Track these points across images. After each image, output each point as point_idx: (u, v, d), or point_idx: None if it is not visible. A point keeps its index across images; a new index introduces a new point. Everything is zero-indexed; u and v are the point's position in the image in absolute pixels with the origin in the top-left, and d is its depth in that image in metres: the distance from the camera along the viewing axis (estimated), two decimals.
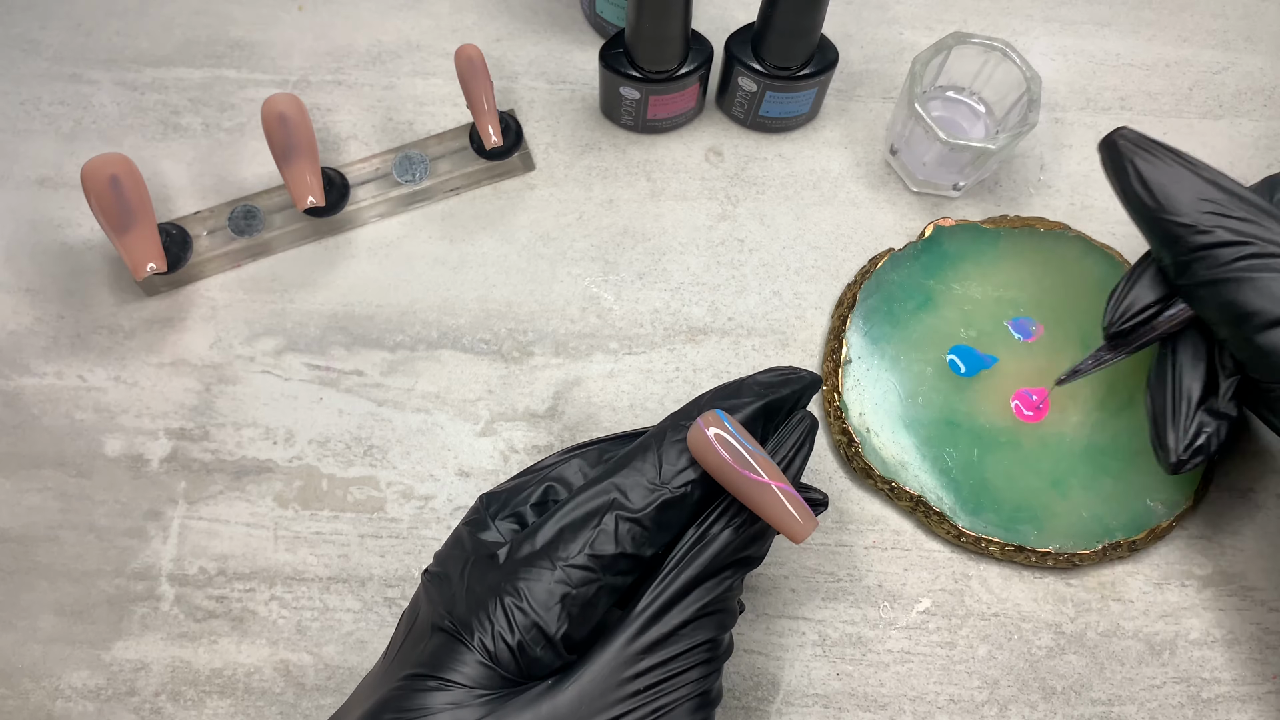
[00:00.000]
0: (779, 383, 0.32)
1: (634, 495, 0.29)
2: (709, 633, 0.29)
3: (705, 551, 0.29)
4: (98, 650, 0.38)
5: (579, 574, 0.28)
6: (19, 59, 0.47)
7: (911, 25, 0.50)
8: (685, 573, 0.28)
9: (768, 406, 0.31)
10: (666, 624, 0.28)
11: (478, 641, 0.27)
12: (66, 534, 0.39)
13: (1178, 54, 0.49)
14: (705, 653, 0.29)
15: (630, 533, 0.28)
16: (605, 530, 0.28)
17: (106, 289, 0.43)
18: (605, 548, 0.28)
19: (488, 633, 0.27)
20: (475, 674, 0.27)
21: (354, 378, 0.42)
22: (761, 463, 0.28)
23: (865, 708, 0.38)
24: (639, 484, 0.29)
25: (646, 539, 0.29)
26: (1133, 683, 0.38)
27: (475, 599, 0.28)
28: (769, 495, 0.28)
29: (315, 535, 0.39)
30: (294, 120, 0.40)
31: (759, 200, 0.46)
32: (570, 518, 0.29)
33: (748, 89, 0.44)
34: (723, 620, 0.29)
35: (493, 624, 0.27)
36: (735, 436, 0.28)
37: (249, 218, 0.43)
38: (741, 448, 0.28)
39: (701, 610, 0.28)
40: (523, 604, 0.27)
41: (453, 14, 0.49)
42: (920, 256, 0.43)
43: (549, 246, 0.44)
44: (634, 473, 0.29)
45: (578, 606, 0.28)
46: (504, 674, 0.27)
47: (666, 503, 0.29)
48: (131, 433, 0.41)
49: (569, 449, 0.33)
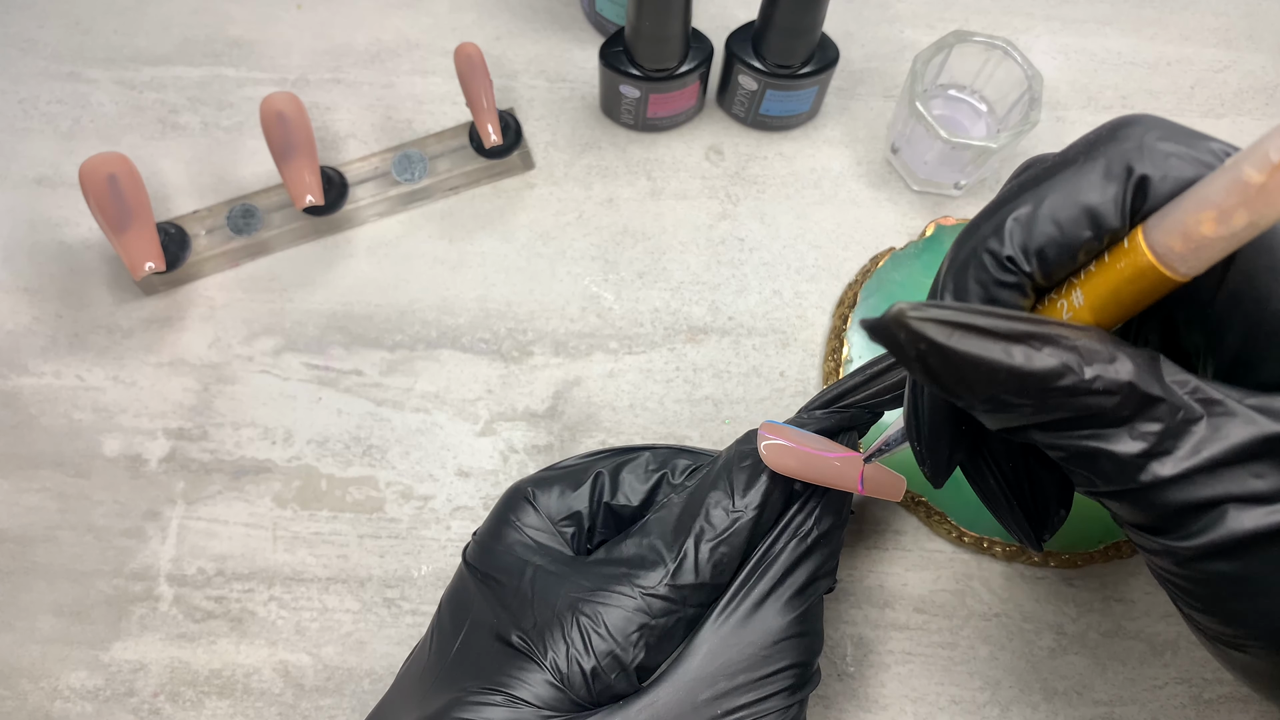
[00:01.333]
0: (840, 415, 0.31)
1: (713, 521, 0.28)
2: (793, 657, 0.28)
3: (775, 564, 0.28)
4: (96, 651, 0.38)
5: (660, 604, 0.27)
6: (17, 58, 0.47)
7: (913, 23, 0.49)
8: (758, 587, 0.28)
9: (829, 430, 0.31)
10: (747, 645, 0.27)
11: (550, 662, 0.26)
12: (65, 534, 0.39)
13: (1179, 52, 0.49)
14: (790, 678, 0.28)
15: (711, 560, 0.28)
16: (687, 559, 0.28)
17: (105, 288, 0.43)
18: (686, 578, 0.28)
19: (562, 654, 0.26)
20: (544, 694, 0.26)
21: (353, 377, 0.42)
22: (834, 446, 0.29)
23: (866, 708, 0.38)
24: (716, 511, 0.29)
25: (725, 565, 0.28)
26: (1135, 683, 0.38)
27: (548, 615, 0.27)
28: (852, 465, 0.28)
29: (314, 535, 0.39)
30: (293, 119, 0.40)
31: (759, 199, 0.45)
32: (652, 542, 0.28)
33: (748, 87, 0.44)
34: (810, 645, 0.29)
35: (568, 645, 0.26)
36: (799, 431, 0.29)
37: (247, 217, 0.43)
38: (809, 441, 0.29)
39: (783, 633, 0.28)
40: (600, 629, 0.27)
41: (452, 12, 0.49)
42: (922, 255, 0.43)
43: (549, 245, 0.44)
44: (710, 501, 0.29)
45: (655, 637, 0.27)
46: (574, 697, 0.26)
47: (744, 525, 0.28)
48: (130, 432, 0.40)
49: (614, 450, 0.33)
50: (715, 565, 0.28)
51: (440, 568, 0.39)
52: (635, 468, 0.32)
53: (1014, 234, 0.20)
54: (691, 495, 0.30)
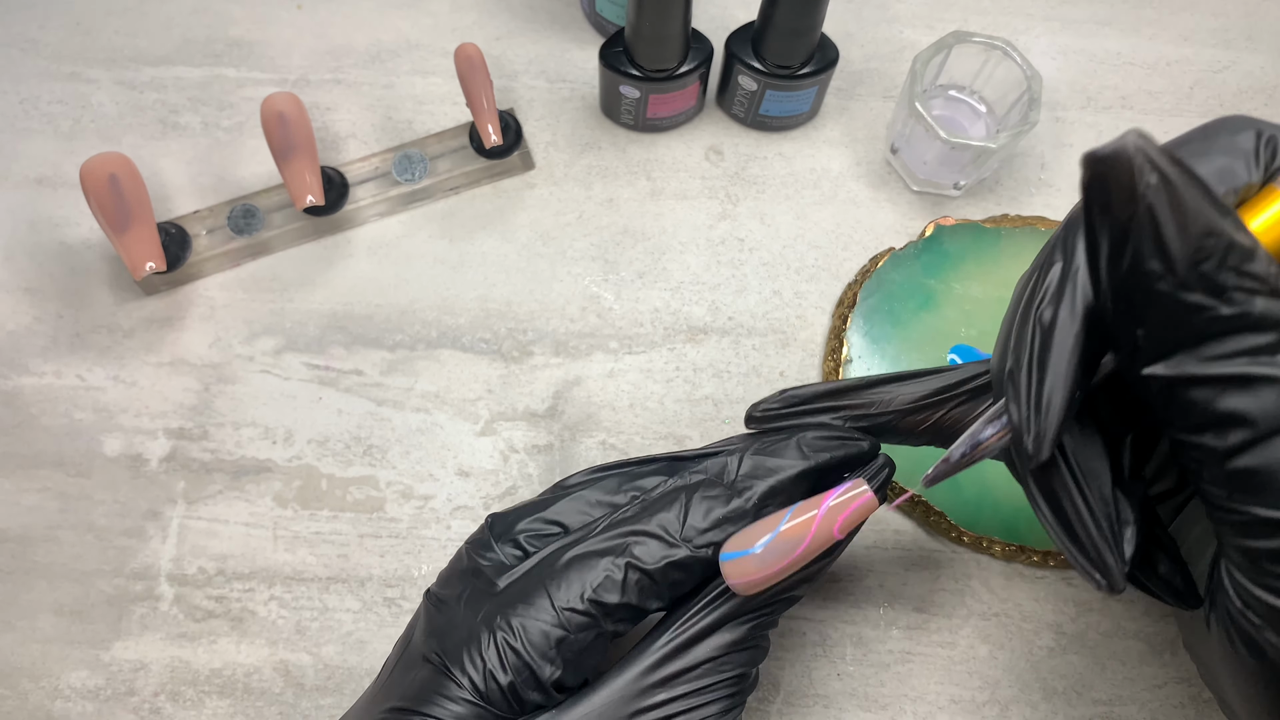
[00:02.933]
0: (833, 446, 0.29)
1: (650, 546, 0.27)
2: (737, 669, 0.27)
3: (730, 601, 0.27)
4: (97, 650, 0.38)
5: (578, 619, 0.26)
6: (18, 58, 0.47)
7: (912, 24, 0.50)
8: (713, 614, 0.27)
9: (814, 470, 0.28)
10: (689, 659, 0.27)
11: (467, 679, 0.26)
12: (65, 534, 0.39)
13: (1179, 53, 0.49)
14: (730, 687, 0.27)
15: (639, 584, 0.27)
16: (612, 578, 0.27)
17: (105, 288, 0.43)
18: (609, 595, 0.27)
19: (479, 670, 0.26)
20: (463, 712, 0.26)
21: (353, 377, 0.42)
22: (794, 530, 0.26)
23: (866, 708, 0.38)
24: (658, 536, 0.27)
25: (653, 593, 0.27)
26: (1134, 683, 0.38)
27: (468, 632, 0.27)
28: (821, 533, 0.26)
29: (314, 535, 0.39)
30: (293, 119, 0.40)
31: (759, 199, 0.45)
32: (576, 557, 0.27)
33: (748, 88, 0.44)
34: (753, 656, 0.28)
35: (484, 661, 0.26)
36: (764, 546, 0.26)
37: (248, 217, 0.43)
38: (772, 549, 0.26)
39: (729, 647, 0.27)
40: (516, 643, 0.26)
41: (452, 13, 0.49)
42: (921, 256, 0.43)
43: (549, 246, 0.44)
44: (655, 522, 0.27)
45: (573, 652, 0.26)
46: (496, 712, 0.26)
47: (680, 562, 0.27)
48: (130, 432, 0.41)
49: (588, 472, 0.31)
50: (642, 590, 0.27)
51: (440, 568, 0.39)
52: (607, 483, 0.30)
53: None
54: (644, 510, 0.28)
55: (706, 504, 0.28)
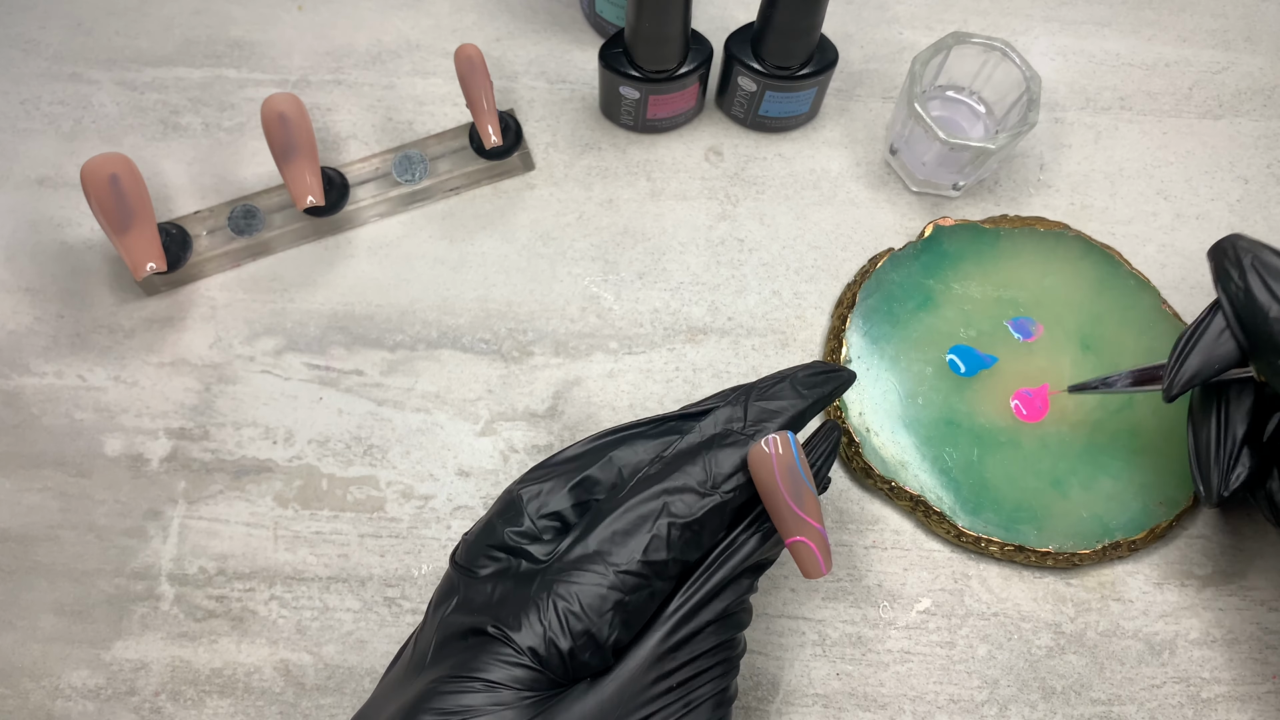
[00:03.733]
0: (821, 381, 0.32)
1: (686, 499, 0.29)
2: (729, 632, 0.29)
3: (734, 557, 0.29)
4: (97, 650, 0.38)
5: (633, 580, 0.28)
6: (19, 58, 0.47)
7: (911, 25, 0.50)
8: (715, 576, 0.29)
9: (811, 406, 0.31)
10: (695, 624, 0.28)
11: (526, 645, 0.27)
12: (66, 533, 0.39)
13: (1177, 54, 0.49)
14: (726, 651, 0.29)
15: (682, 537, 0.28)
16: (659, 536, 0.28)
17: (106, 288, 0.43)
18: (658, 554, 0.28)
19: (539, 636, 0.27)
20: (521, 676, 0.27)
21: (354, 377, 0.42)
22: (809, 499, 0.29)
23: (865, 708, 0.38)
24: (690, 488, 0.29)
25: (695, 543, 0.29)
26: (1132, 682, 0.38)
27: (523, 601, 0.28)
28: (807, 531, 0.29)
29: (315, 535, 0.39)
30: (294, 120, 0.40)
31: (759, 200, 0.46)
32: (622, 522, 0.29)
33: (747, 89, 0.44)
34: (740, 619, 0.30)
35: (545, 627, 0.27)
36: (796, 466, 0.29)
37: (249, 217, 0.43)
38: (797, 480, 0.28)
39: (725, 611, 0.29)
40: (575, 609, 0.27)
41: (452, 13, 0.49)
42: (920, 256, 0.43)
43: (549, 246, 0.44)
44: (685, 476, 0.29)
45: (628, 613, 0.28)
46: (550, 676, 0.27)
47: (716, 508, 0.29)
48: (131, 432, 0.41)
49: (605, 435, 0.32)
50: (686, 544, 0.29)
51: (440, 567, 0.39)
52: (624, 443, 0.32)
53: None
54: (668, 467, 0.30)
55: (727, 451, 0.30)
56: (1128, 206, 0.46)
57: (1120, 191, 0.46)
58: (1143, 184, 0.47)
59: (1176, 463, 0.40)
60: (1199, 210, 0.46)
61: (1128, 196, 0.46)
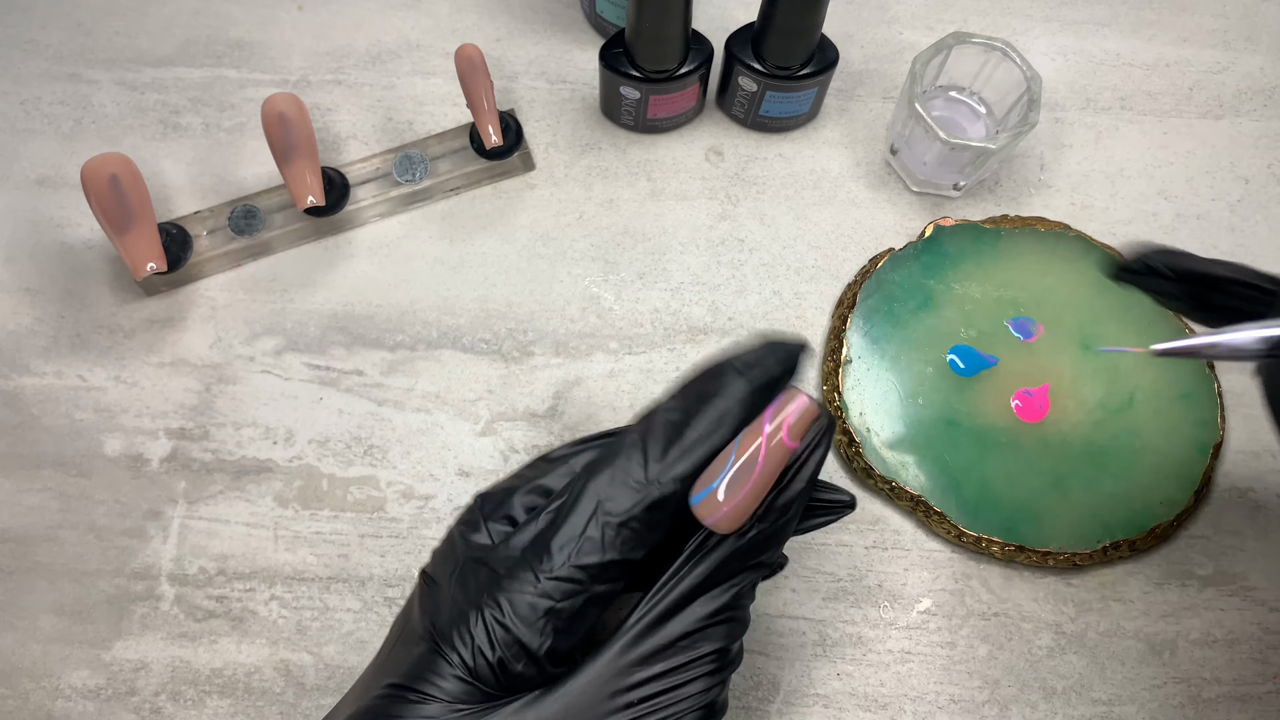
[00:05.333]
0: (764, 357, 0.28)
1: (620, 496, 0.27)
2: (716, 643, 0.27)
3: (707, 559, 0.27)
4: (98, 650, 0.38)
5: (564, 586, 0.26)
6: (19, 59, 0.47)
7: (911, 25, 0.50)
8: (685, 581, 0.27)
9: (759, 389, 0.28)
10: (666, 634, 0.27)
11: (457, 657, 0.26)
12: (66, 534, 0.39)
13: (1178, 54, 0.49)
14: (711, 663, 0.27)
15: (619, 537, 0.26)
16: (590, 537, 0.26)
17: (106, 289, 0.43)
18: (590, 556, 0.26)
19: (468, 647, 0.26)
20: (454, 689, 0.26)
21: (354, 377, 0.42)
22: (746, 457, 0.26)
23: (866, 708, 0.38)
24: (624, 483, 0.27)
25: (635, 541, 0.27)
26: (1133, 683, 0.38)
27: (457, 610, 0.27)
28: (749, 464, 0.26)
29: (315, 535, 0.39)
30: (294, 120, 0.40)
31: (759, 200, 0.45)
32: (554, 525, 0.27)
33: (748, 89, 0.44)
34: (731, 630, 0.28)
35: (473, 638, 0.26)
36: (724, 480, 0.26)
37: (249, 217, 0.43)
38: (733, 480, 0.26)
39: (707, 619, 0.27)
40: (504, 618, 0.26)
41: (453, 14, 0.49)
42: (920, 256, 0.43)
43: (549, 246, 0.44)
44: (619, 471, 0.27)
45: (563, 620, 0.26)
46: (485, 689, 0.26)
47: (656, 502, 0.27)
48: (131, 432, 0.41)
49: (571, 444, 0.31)
50: (624, 542, 0.26)
51: None
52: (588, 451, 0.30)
53: None
54: (602, 464, 0.28)
55: (661, 443, 0.27)
56: (1128, 207, 0.46)
57: (1121, 191, 0.46)
58: (1143, 184, 0.46)
59: (1176, 463, 0.40)
60: (1200, 210, 0.46)
61: (1128, 196, 0.46)
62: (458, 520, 0.31)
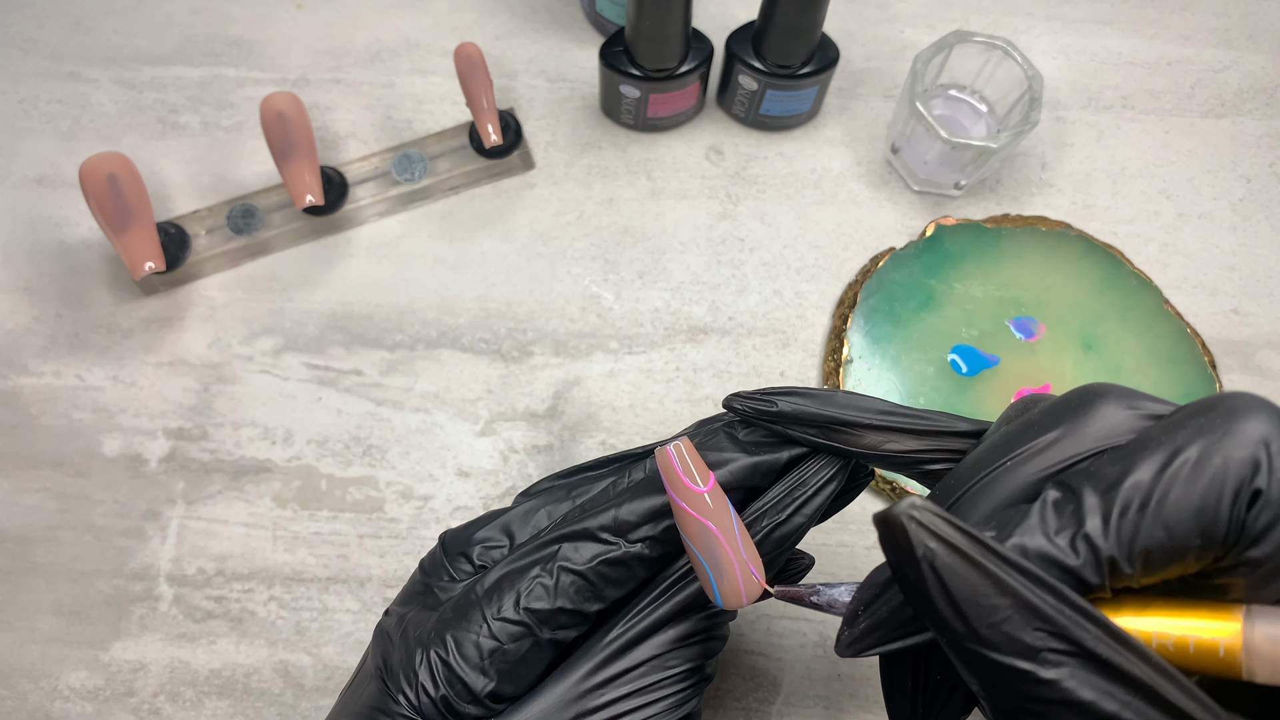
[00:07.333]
0: (774, 446, 0.27)
1: (583, 548, 0.26)
2: (689, 661, 0.27)
3: (682, 593, 0.26)
4: (96, 651, 0.38)
5: (511, 629, 0.26)
6: (17, 57, 0.47)
7: (913, 23, 0.49)
8: (663, 608, 0.26)
9: (761, 466, 0.27)
10: (632, 658, 0.26)
11: (404, 697, 0.26)
12: (65, 534, 0.39)
13: (1180, 52, 0.49)
14: (679, 683, 0.27)
15: (573, 586, 0.26)
16: (543, 584, 0.26)
17: (105, 288, 0.43)
18: (540, 602, 0.26)
19: (412, 686, 0.26)
20: None
21: (353, 377, 0.42)
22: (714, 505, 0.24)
23: (866, 708, 0.38)
24: (593, 536, 0.26)
25: (590, 594, 0.26)
26: None
27: (408, 649, 0.27)
28: (711, 545, 0.24)
29: (314, 535, 0.39)
30: (293, 119, 0.40)
31: (760, 199, 0.45)
32: (510, 568, 0.27)
33: (748, 87, 0.44)
34: (707, 648, 0.27)
35: (417, 677, 0.26)
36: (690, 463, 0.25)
37: (247, 217, 0.43)
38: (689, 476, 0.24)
39: (678, 642, 0.26)
40: (449, 658, 0.26)
41: (452, 12, 0.49)
42: (922, 256, 0.43)
43: (549, 245, 0.44)
44: (590, 524, 0.27)
45: (508, 663, 0.26)
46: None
47: (616, 559, 0.26)
48: (130, 432, 0.40)
49: (550, 479, 0.31)
50: (577, 592, 0.26)
51: None
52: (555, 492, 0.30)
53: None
54: (579, 511, 0.27)
55: (640, 499, 0.27)
56: (1130, 206, 0.46)
57: (1122, 191, 0.46)
58: (1145, 183, 0.46)
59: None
60: (1201, 209, 0.46)
61: (1130, 196, 0.46)
62: (421, 560, 0.31)
